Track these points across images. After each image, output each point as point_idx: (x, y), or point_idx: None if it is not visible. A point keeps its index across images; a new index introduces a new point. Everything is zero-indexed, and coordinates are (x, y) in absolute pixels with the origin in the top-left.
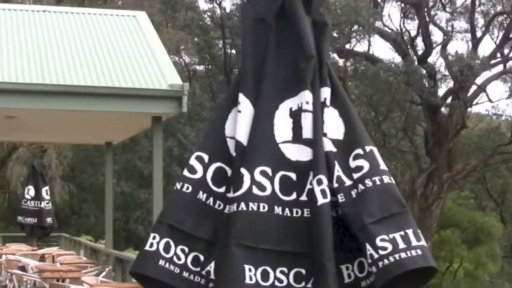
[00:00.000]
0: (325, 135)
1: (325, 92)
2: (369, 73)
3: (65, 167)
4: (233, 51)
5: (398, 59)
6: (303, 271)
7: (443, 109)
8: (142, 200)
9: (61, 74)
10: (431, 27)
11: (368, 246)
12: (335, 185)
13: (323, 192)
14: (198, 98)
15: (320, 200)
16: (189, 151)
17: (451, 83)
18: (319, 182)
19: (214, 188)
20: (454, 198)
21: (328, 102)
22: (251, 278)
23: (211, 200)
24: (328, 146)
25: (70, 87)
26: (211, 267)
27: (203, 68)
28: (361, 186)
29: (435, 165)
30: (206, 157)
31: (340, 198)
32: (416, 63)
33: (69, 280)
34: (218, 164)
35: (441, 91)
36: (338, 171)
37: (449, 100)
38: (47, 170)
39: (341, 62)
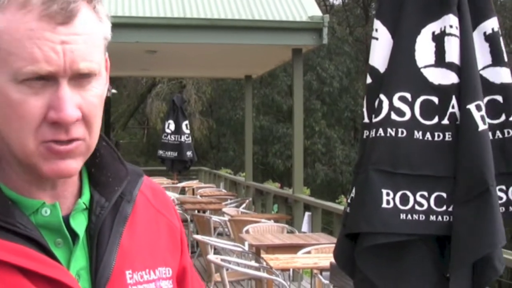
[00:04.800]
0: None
1: (493, 22)
2: (509, 4)
3: (204, 102)
4: None
5: None
6: (444, 195)
7: None
8: (280, 134)
9: (201, 7)
10: None
11: None
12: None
13: (482, 118)
14: (337, 32)
15: (481, 126)
16: (328, 85)
17: None
18: (479, 108)
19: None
20: None
21: (498, 32)
22: (388, 202)
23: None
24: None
25: (211, 21)
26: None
27: (340, 1)
28: None
29: None
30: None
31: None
32: None
33: (209, 212)
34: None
35: None
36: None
37: None
38: (186, 105)
39: None
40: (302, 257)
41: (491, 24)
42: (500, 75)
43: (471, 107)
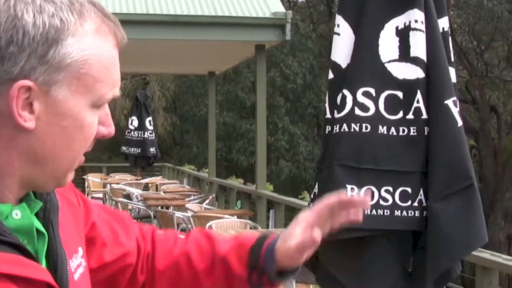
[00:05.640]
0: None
1: (443, 22)
2: (472, 2)
3: (168, 98)
4: None
5: None
6: (409, 189)
7: None
8: (244, 130)
9: (164, 3)
10: None
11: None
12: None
13: (459, 114)
14: (300, 28)
15: (459, 122)
16: (292, 81)
17: None
18: (455, 104)
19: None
20: None
21: (448, 32)
22: None
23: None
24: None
25: (174, 17)
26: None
27: None
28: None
29: None
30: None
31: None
32: None
33: (173, 208)
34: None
35: None
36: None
37: None
38: (150, 101)
39: None
40: None
41: (442, 23)
42: (406, 71)
43: (449, 102)
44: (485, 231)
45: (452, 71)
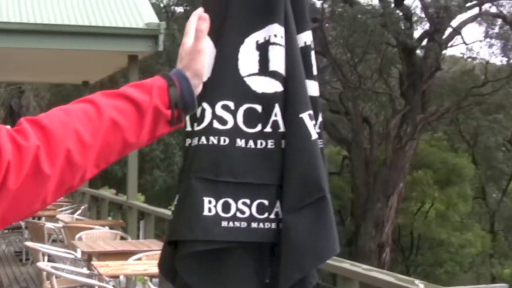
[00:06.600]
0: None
1: (306, 36)
2: (347, 15)
3: (43, 107)
4: None
5: (375, 1)
6: (266, 202)
7: (418, 51)
8: None
9: (38, 12)
10: None
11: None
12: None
13: (314, 127)
14: (177, 39)
15: (314, 135)
16: None
17: (427, 26)
18: (311, 117)
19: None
20: (428, 140)
21: (310, 46)
22: (210, 210)
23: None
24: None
25: (48, 26)
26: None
27: (182, 9)
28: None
29: (409, 106)
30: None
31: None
32: (392, 5)
33: (44, 218)
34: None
35: (416, 33)
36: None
37: (424, 42)
38: (25, 110)
39: (318, 4)
40: (132, 263)
41: (304, 38)
42: (264, 84)
43: (304, 116)
44: (336, 242)
45: (313, 85)
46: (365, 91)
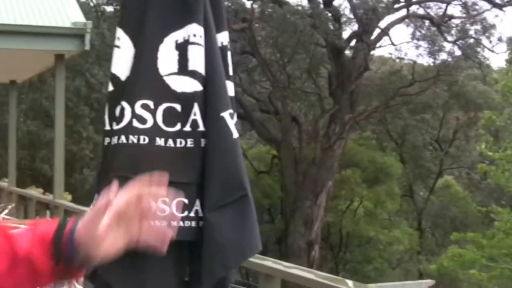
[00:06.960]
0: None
1: (223, 36)
2: (276, 15)
3: None
4: None
5: (304, 1)
6: (186, 200)
7: (347, 52)
8: (48, 139)
9: None
10: None
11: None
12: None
13: (235, 126)
14: (107, 38)
15: (235, 134)
16: (97, 91)
17: (355, 26)
18: (232, 116)
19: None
20: (356, 139)
21: (227, 46)
22: None
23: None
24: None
25: None
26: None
27: (112, 8)
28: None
29: (337, 106)
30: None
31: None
32: (321, 6)
33: None
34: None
35: (345, 34)
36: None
37: (353, 43)
38: None
39: (248, 4)
40: None
41: (221, 38)
42: (184, 84)
43: (225, 115)
44: (258, 240)
45: (230, 85)
46: (294, 90)
